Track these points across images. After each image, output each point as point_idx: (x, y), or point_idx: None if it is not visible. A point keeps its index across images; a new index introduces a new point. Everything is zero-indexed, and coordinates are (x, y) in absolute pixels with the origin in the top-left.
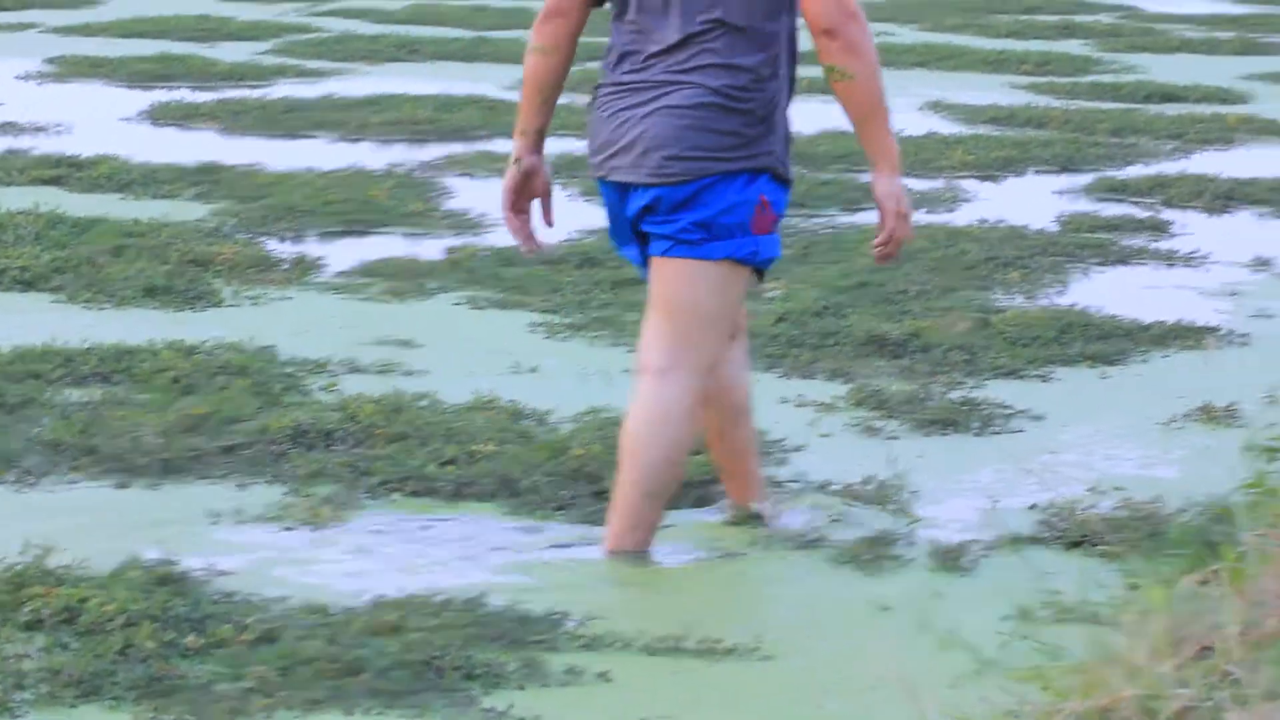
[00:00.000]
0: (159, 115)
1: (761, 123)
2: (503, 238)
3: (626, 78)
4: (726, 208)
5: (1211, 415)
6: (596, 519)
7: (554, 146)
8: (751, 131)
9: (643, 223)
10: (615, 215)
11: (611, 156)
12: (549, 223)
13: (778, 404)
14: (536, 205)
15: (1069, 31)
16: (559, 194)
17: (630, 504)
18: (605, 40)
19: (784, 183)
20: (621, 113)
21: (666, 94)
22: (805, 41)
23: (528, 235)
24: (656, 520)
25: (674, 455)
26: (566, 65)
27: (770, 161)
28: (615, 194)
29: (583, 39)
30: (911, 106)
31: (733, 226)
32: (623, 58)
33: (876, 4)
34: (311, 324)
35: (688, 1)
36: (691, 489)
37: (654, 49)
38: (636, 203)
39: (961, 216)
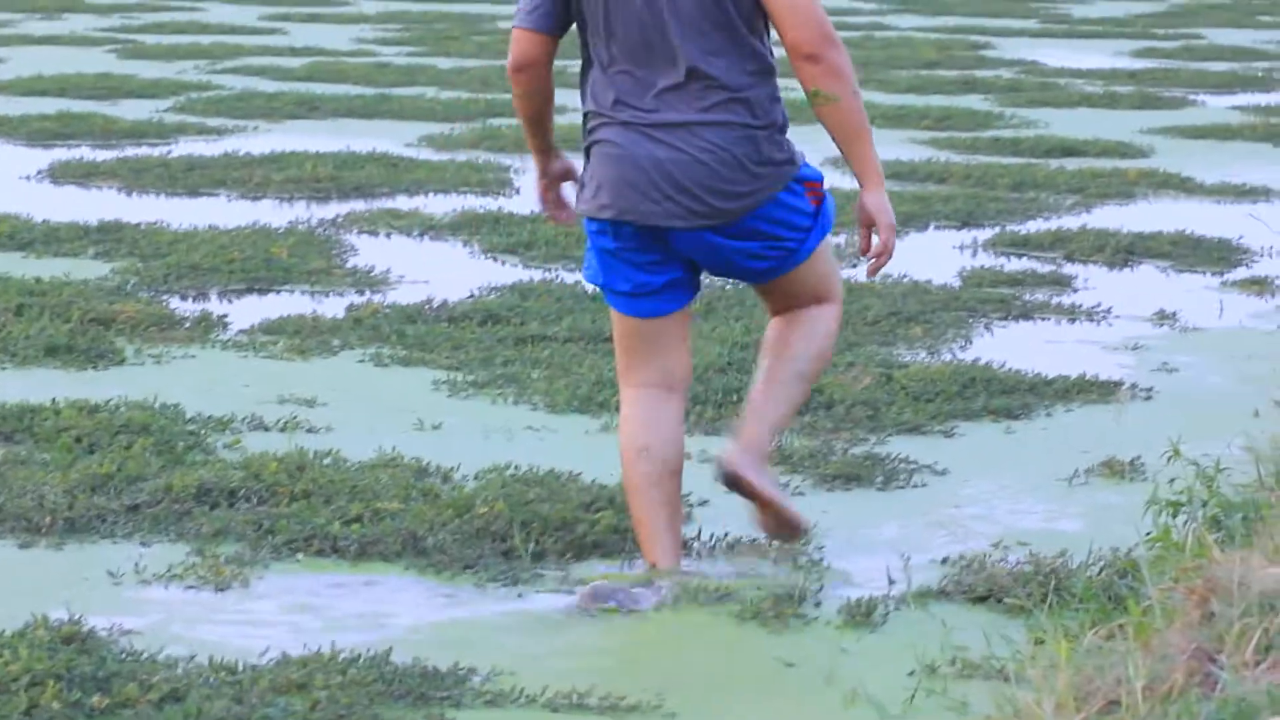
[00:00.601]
0: (60, 174)
1: (783, 133)
2: (405, 295)
3: (638, 118)
4: (795, 221)
5: (1115, 470)
6: (502, 576)
7: (456, 204)
8: (782, 153)
9: (715, 265)
10: (626, 255)
11: (642, 199)
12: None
13: None
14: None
15: (969, 87)
16: (461, 251)
17: (783, 393)
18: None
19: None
20: (644, 154)
21: (696, 133)
22: None
23: (564, 212)
24: (789, 415)
25: (824, 348)
26: (549, 94)
27: (794, 167)
28: (644, 235)
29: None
30: (813, 162)
31: (808, 225)
32: (621, 97)
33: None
34: (215, 382)
35: (682, 37)
36: (596, 545)
37: (661, 85)
38: (688, 245)
39: (864, 271)
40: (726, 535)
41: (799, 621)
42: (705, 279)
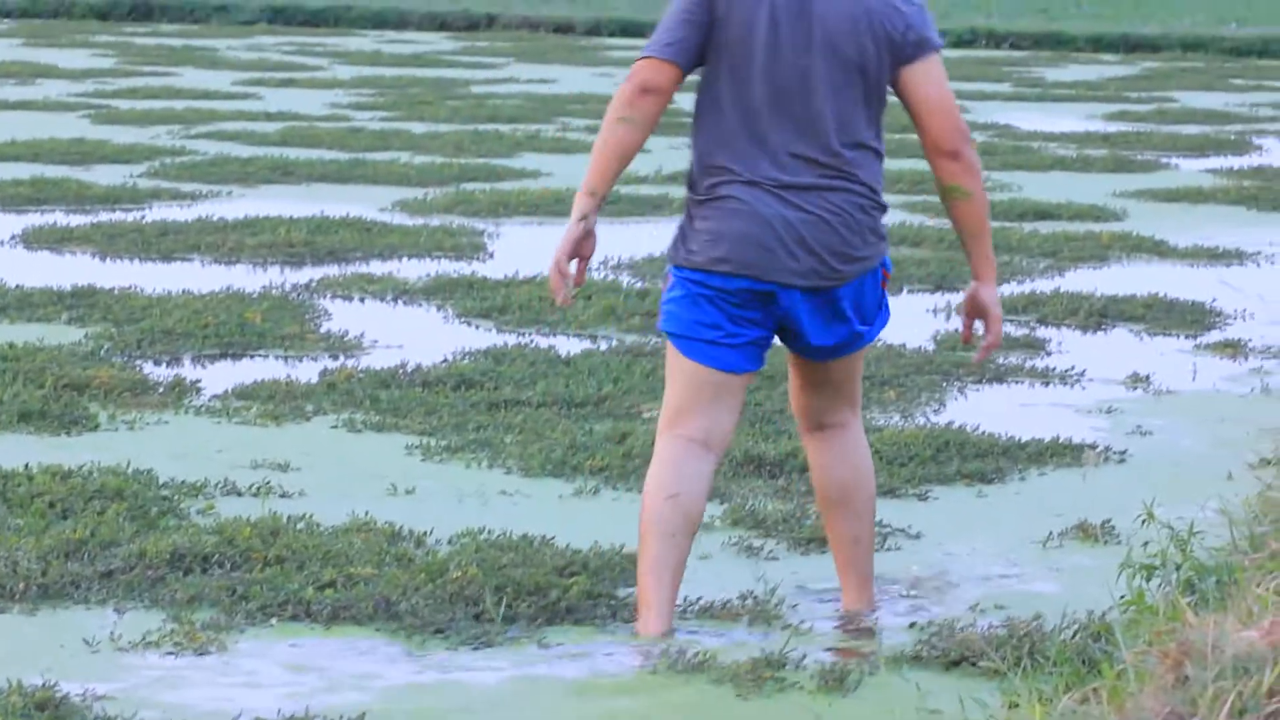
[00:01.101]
0: (33, 239)
1: (884, 214)
2: (379, 359)
3: (767, 178)
4: (875, 299)
5: (1089, 533)
6: (476, 641)
7: (430, 268)
8: (883, 230)
9: (802, 330)
10: (723, 304)
11: (767, 255)
12: (579, 283)
13: None
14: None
15: None
16: (435, 316)
17: (868, 540)
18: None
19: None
20: (773, 212)
21: (823, 196)
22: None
23: (567, 289)
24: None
25: (872, 481)
26: (646, 137)
27: (886, 246)
28: (752, 292)
29: None
30: None
31: (879, 309)
32: (750, 153)
33: None
34: (188, 447)
35: (823, 106)
36: (569, 610)
37: (792, 150)
38: (791, 303)
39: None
40: (700, 599)
41: (773, 686)
42: None
